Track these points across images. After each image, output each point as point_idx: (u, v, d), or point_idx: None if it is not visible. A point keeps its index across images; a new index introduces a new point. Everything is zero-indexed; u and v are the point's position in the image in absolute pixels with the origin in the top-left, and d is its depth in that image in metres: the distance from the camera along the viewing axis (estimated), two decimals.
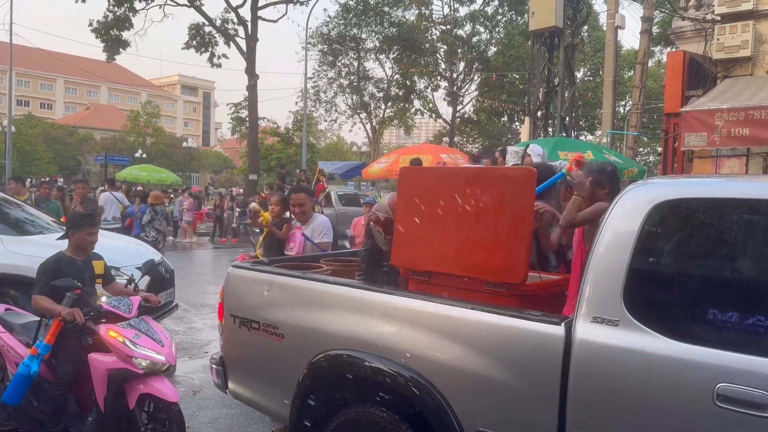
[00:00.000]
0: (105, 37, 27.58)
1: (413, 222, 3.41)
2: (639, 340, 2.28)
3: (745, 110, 9.76)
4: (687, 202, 2.44)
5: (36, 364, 3.99)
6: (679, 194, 2.47)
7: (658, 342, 2.25)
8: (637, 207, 2.48)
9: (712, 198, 2.42)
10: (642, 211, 2.45)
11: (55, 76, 75.72)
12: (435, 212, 3.29)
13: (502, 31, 36.90)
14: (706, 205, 2.41)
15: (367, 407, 3.07)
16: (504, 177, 3.23)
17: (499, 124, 39.95)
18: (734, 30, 11.16)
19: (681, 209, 2.44)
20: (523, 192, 3.00)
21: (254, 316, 3.61)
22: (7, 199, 8.05)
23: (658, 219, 2.43)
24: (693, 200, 2.44)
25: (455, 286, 3.19)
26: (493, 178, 3.26)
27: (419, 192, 3.42)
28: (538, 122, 17.78)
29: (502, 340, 2.63)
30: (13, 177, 12.41)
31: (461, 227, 3.18)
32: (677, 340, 2.23)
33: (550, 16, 16.15)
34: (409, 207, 3.47)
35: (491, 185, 3.12)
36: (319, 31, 37.18)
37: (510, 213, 3.01)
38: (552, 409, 2.42)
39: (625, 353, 2.30)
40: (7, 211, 7.39)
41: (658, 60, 35.47)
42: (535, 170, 3.14)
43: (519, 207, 2.99)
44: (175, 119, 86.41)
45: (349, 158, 46.77)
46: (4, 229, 6.71)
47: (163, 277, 7.02)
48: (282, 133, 36.46)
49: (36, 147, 47.15)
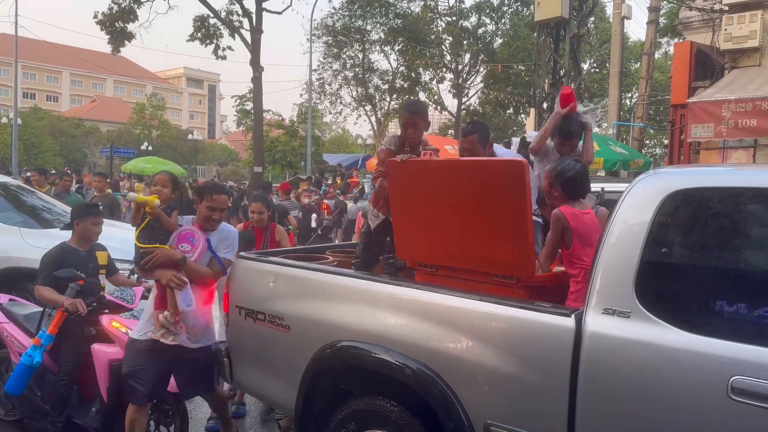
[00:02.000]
0: (110, 29, 27.47)
1: (408, 216, 3.38)
2: (651, 331, 2.23)
3: (753, 101, 9.67)
4: (701, 192, 2.38)
5: (39, 354, 3.98)
6: (692, 183, 2.42)
7: (671, 334, 2.20)
8: (649, 197, 2.43)
9: (727, 187, 2.37)
10: (654, 201, 2.39)
11: (61, 69, 75.81)
12: (428, 206, 3.24)
13: (508, 23, 36.73)
14: (720, 194, 2.35)
15: (373, 399, 3.04)
16: (493, 169, 3.15)
17: (504, 117, 39.79)
18: (742, 20, 11.05)
19: (695, 199, 2.38)
20: (515, 184, 2.88)
21: (260, 307, 3.58)
22: (28, 190, 7.96)
23: (672, 209, 2.38)
24: (707, 189, 2.38)
25: (462, 277, 3.15)
26: (481, 170, 3.16)
27: (410, 185, 3.37)
28: (544, 114, 17.68)
29: (511, 331, 2.59)
30: (36, 168, 11.97)
31: (457, 221, 3.14)
32: (691, 331, 2.18)
33: (556, 6, 16.05)
34: (403, 200, 3.43)
35: (481, 178, 3.05)
36: (324, 23, 37.07)
37: (506, 206, 2.94)
38: (562, 402, 2.38)
39: (637, 345, 2.25)
40: (27, 203, 7.29)
41: (665, 51, 35.23)
42: (525, 161, 3.04)
43: (514, 199, 2.90)
44: (180, 112, 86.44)
45: (354, 151, 46.73)
46: (24, 221, 6.63)
47: None
48: (287, 125, 36.42)
49: (42, 139, 47.24)
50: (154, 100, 59.62)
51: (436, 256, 3.34)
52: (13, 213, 6.81)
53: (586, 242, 2.98)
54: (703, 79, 11.93)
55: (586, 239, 2.98)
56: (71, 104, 76.58)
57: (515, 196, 2.89)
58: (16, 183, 8.49)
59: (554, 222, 3.08)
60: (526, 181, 2.86)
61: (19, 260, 5.86)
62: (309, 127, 30.23)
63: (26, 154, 41.18)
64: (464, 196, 3.11)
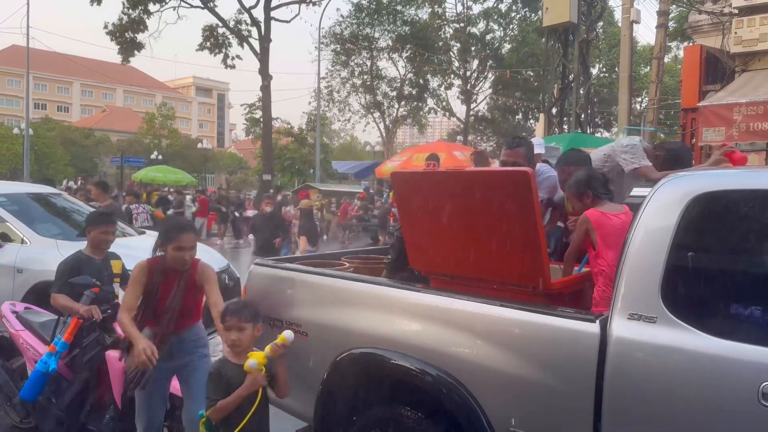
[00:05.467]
0: (120, 40, 27.70)
1: (419, 227, 3.36)
2: (679, 337, 2.20)
3: (764, 104, 9.60)
4: (726, 195, 2.35)
5: (54, 361, 3.98)
6: (717, 186, 2.39)
7: (699, 339, 2.16)
8: (673, 200, 2.40)
9: (753, 189, 2.33)
10: (679, 205, 2.36)
11: (72, 79, 76.29)
12: (437, 219, 3.19)
13: (516, 29, 36.73)
14: (746, 196, 2.32)
15: (393, 406, 3.01)
16: (499, 180, 3.09)
17: (513, 122, 39.76)
18: (752, 23, 10.99)
19: (720, 202, 2.35)
20: (522, 194, 2.82)
21: (277, 314, 3.55)
22: (68, 200, 7.81)
23: (697, 212, 2.34)
24: (733, 192, 2.35)
25: (478, 285, 3.11)
26: (488, 181, 3.11)
27: (417, 197, 3.33)
28: (553, 119, 17.67)
29: (534, 337, 2.55)
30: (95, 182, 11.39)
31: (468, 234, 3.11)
32: (719, 336, 2.15)
33: (564, 11, 16.04)
34: (411, 212, 3.40)
35: (488, 189, 3.00)
36: (332, 31, 37.24)
37: (514, 216, 2.88)
38: (587, 409, 2.34)
39: (664, 351, 2.22)
40: (65, 213, 7.20)
41: (675, 56, 35.12)
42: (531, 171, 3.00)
43: (522, 209, 2.84)
44: (189, 121, 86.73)
45: (362, 158, 46.82)
46: (62, 232, 6.54)
47: (227, 285, 6.35)
48: (296, 133, 36.52)
49: (53, 150, 47.52)
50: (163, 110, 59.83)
51: (448, 268, 3.29)
52: (51, 224, 6.74)
53: (607, 244, 2.96)
54: (714, 83, 11.88)
55: (608, 241, 2.96)
56: (82, 114, 77.01)
57: (523, 206, 2.83)
58: (56, 192, 8.34)
59: (579, 224, 3.15)
60: (532, 191, 2.79)
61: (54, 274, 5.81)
62: (318, 135, 30.31)
63: (37, 165, 41.40)
64: (473, 208, 3.06)
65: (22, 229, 6.32)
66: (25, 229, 6.33)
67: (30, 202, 7.13)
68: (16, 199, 6.94)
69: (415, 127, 46.77)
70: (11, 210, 6.54)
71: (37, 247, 6.12)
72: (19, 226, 6.34)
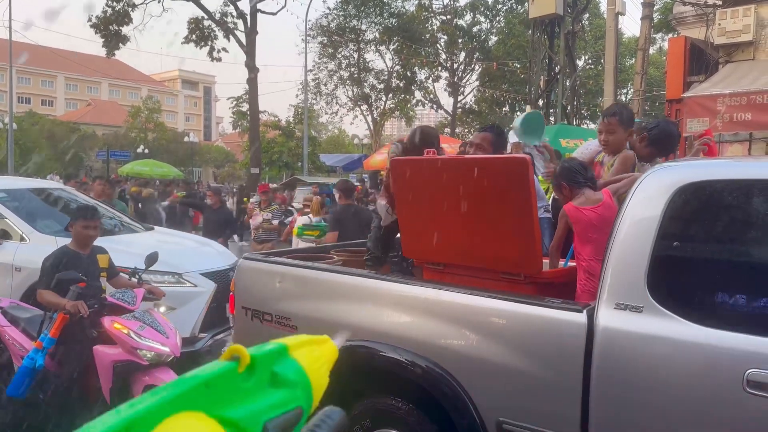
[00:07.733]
0: (104, 33, 27.41)
1: (414, 215, 3.36)
2: (665, 326, 2.22)
3: (747, 95, 9.66)
4: (712, 185, 2.37)
5: (41, 357, 3.96)
6: (703, 176, 2.41)
7: (684, 328, 2.19)
8: (659, 190, 2.41)
9: (738, 179, 2.36)
10: (665, 195, 2.38)
11: (56, 73, 75.49)
12: (435, 205, 3.21)
13: (503, 21, 36.72)
14: (731, 186, 2.35)
15: (383, 398, 3.02)
16: (497, 166, 3.13)
17: (500, 114, 39.78)
18: (736, 14, 11.05)
19: (705, 192, 2.38)
20: (518, 181, 2.86)
21: (266, 307, 3.55)
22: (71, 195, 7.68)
23: (682, 202, 2.36)
24: (718, 182, 2.37)
25: (470, 274, 3.14)
26: (485, 168, 3.12)
27: (416, 184, 3.35)
28: (540, 111, 17.68)
29: (522, 328, 2.57)
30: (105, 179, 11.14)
31: (463, 220, 3.12)
32: (704, 325, 2.17)
33: (550, 2, 16.05)
34: (408, 199, 3.41)
35: (485, 175, 3.02)
36: (319, 23, 37.02)
37: (511, 204, 2.93)
38: (575, 397, 2.36)
39: (651, 340, 2.24)
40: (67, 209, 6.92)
41: (660, 47, 35.31)
42: (529, 158, 3.04)
43: (518, 196, 2.88)
44: (176, 114, 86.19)
45: (350, 151, 46.67)
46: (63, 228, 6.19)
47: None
48: (283, 126, 36.34)
49: (38, 144, 47.05)
50: (149, 103, 59.42)
51: (442, 255, 3.32)
52: (51, 221, 6.63)
53: (584, 239, 2.99)
54: (698, 74, 11.93)
55: (584, 236, 2.99)
56: (66, 108, 76.28)
57: (519, 193, 2.87)
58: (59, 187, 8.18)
59: (559, 217, 3.18)
60: (529, 178, 2.84)
61: None
62: (305, 128, 30.16)
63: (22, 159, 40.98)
64: (469, 194, 3.09)
65: (22, 226, 6.23)
66: (24, 225, 6.24)
67: (32, 197, 7.04)
68: (16, 194, 6.85)
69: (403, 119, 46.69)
70: (11, 206, 6.44)
71: (36, 245, 6.00)
72: (18, 223, 6.25)
